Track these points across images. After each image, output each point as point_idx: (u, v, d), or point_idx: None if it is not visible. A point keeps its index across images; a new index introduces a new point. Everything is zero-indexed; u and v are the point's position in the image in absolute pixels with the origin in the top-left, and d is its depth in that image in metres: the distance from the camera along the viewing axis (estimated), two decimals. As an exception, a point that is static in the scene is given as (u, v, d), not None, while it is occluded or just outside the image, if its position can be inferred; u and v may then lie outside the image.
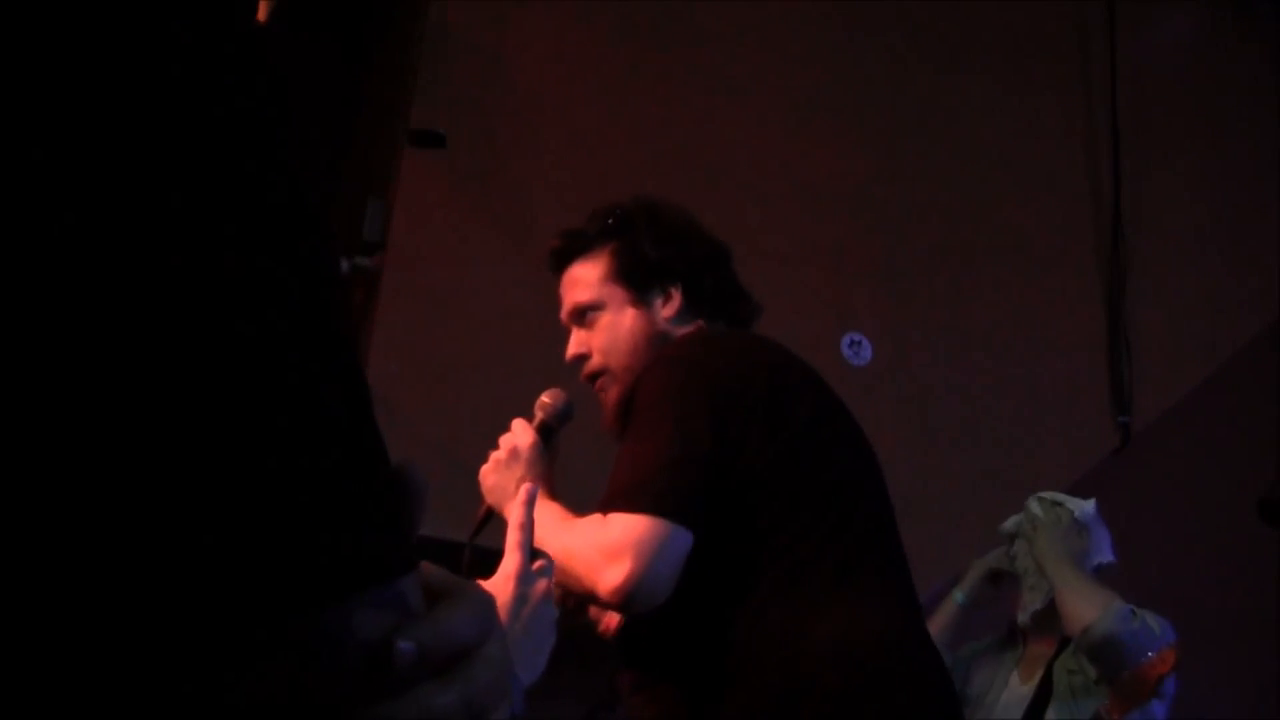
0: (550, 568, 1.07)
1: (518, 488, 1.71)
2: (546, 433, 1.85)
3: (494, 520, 1.78)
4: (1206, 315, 4.24)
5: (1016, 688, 2.83)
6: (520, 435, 1.82)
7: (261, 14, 1.50)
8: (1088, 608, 2.57)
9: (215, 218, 0.46)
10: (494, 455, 1.82)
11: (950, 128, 4.15)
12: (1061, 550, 2.74)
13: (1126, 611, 2.56)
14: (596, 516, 1.63)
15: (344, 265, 3.52)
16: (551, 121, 3.76)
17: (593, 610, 1.82)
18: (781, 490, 1.66)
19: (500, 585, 1.03)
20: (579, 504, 1.75)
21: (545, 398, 1.88)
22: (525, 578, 1.04)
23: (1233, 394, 4.15)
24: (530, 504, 1.13)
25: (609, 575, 1.57)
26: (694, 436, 1.63)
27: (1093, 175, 4.30)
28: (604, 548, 1.58)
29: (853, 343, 3.76)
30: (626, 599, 1.57)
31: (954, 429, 3.75)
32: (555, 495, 1.76)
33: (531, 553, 1.07)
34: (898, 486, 1.94)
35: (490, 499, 1.80)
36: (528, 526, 1.09)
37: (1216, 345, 4.23)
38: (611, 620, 1.85)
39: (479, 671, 0.54)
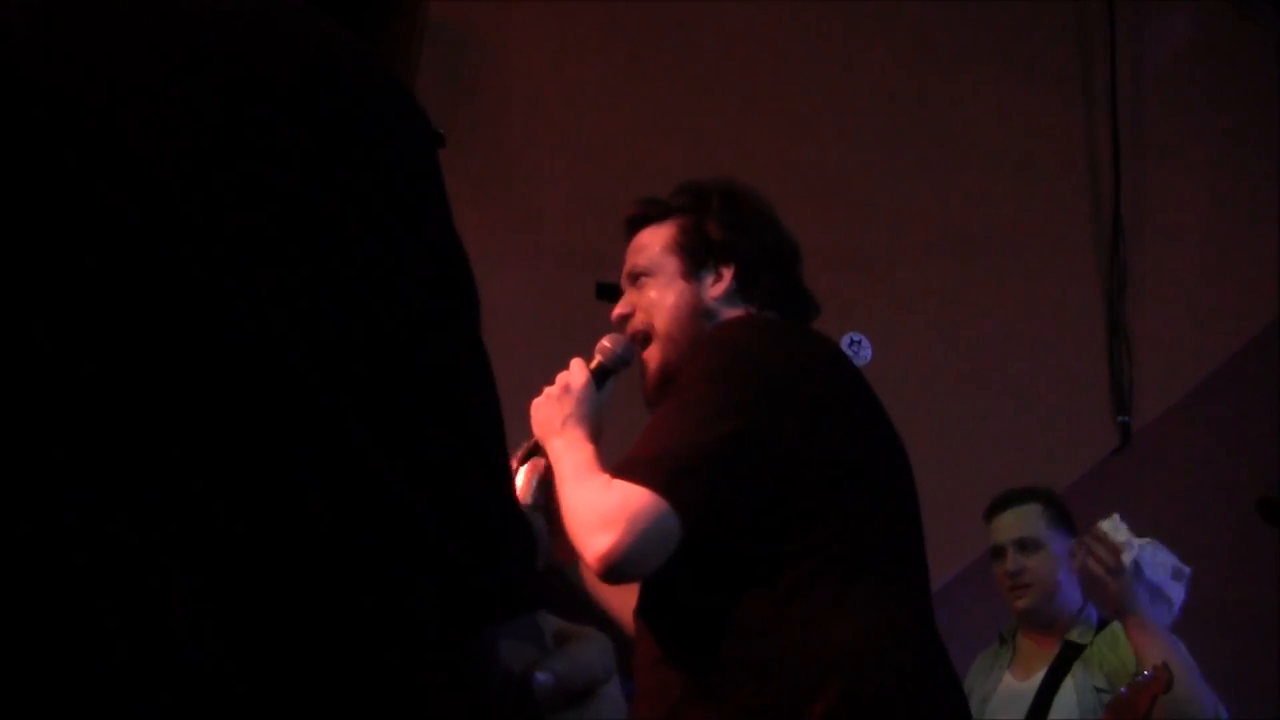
0: None
1: (563, 424, 1.76)
2: (602, 375, 1.88)
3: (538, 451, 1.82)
4: (1206, 315, 4.24)
5: (1013, 684, 2.85)
6: (575, 374, 1.84)
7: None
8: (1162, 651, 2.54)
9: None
10: (547, 389, 1.84)
11: (950, 127, 4.15)
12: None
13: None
14: (606, 478, 1.64)
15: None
16: (552, 121, 3.76)
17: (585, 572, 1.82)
18: (811, 487, 1.66)
19: None
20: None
21: (606, 341, 1.91)
22: None
23: (1233, 394, 4.15)
24: None
25: (597, 541, 1.57)
26: (722, 426, 1.63)
27: (1093, 175, 4.30)
28: (601, 512, 1.59)
29: (853, 342, 3.76)
30: (607, 568, 1.58)
31: (954, 429, 3.75)
32: (598, 439, 1.78)
33: None
34: (897, 485, 1.93)
35: (536, 431, 1.82)
36: None
37: (1216, 345, 4.22)
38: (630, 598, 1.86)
39: (605, 708, 0.59)
